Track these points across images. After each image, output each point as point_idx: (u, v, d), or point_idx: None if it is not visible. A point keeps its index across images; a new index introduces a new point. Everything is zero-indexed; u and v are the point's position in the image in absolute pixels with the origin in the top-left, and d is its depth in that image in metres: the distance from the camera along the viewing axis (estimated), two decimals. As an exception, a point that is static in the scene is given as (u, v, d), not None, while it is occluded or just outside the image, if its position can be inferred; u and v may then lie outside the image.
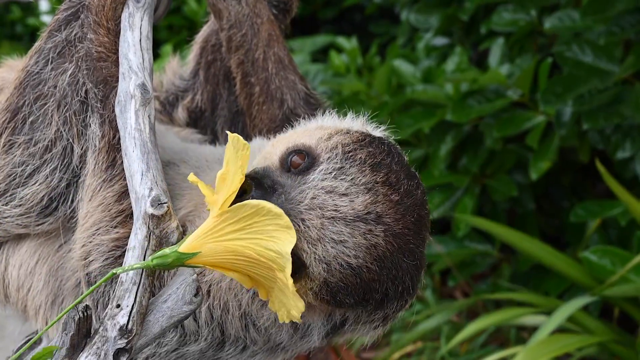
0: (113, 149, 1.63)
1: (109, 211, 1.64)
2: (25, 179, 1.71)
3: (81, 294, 1.74)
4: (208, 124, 2.05)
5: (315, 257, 1.43)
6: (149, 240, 1.41)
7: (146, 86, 1.56)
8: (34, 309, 1.79)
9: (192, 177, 1.38)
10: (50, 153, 1.69)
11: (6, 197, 1.72)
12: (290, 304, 1.36)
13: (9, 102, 1.72)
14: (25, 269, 1.77)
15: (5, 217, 1.74)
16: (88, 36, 1.68)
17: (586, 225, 3.59)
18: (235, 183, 1.36)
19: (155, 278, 1.50)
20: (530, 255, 3.49)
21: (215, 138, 2.04)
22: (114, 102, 1.59)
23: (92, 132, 1.67)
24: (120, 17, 1.68)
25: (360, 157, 1.50)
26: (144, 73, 1.59)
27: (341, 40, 4.63)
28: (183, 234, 1.65)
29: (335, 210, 1.44)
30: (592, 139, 3.50)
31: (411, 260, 1.51)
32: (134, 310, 1.35)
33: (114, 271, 1.36)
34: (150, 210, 1.41)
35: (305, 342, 1.66)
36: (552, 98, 3.21)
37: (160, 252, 1.37)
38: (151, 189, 1.45)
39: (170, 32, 5.51)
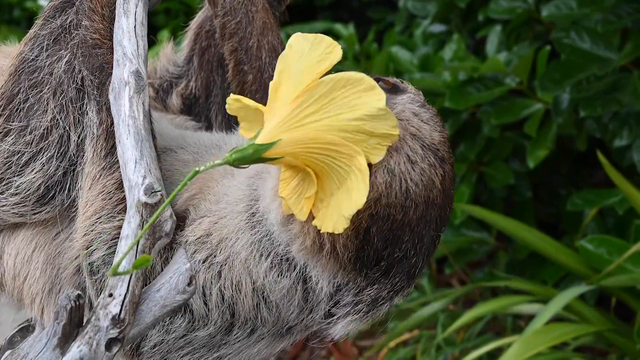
0: (111, 136, 1.62)
1: (110, 199, 1.63)
2: (21, 167, 1.70)
3: (82, 283, 1.74)
4: (202, 110, 2.05)
5: (385, 166, 1.42)
6: (142, 228, 1.40)
7: (140, 73, 1.56)
8: (30, 297, 1.78)
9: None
10: (47, 141, 1.68)
11: (2, 185, 1.71)
12: (349, 205, 1.31)
13: (3, 89, 1.71)
14: (22, 258, 1.77)
15: (1, 206, 1.73)
16: (83, 23, 1.67)
17: (583, 213, 3.59)
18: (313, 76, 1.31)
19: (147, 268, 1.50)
20: (526, 243, 3.49)
21: (209, 125, 2.04)
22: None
23: (89, 119, 1.66)
24: (114, 3, 1.67)
25: (432, 109, 1.55)
26: (138, 60, 1.58)
27: (338, 27, 4.62)
28: (184, 219, 1.66)
29: (418, 129, 1.46)
30: (589, 128, 3.50)
31: (436, 231, 1.53)
32: (127, 299, 1.35)
33: (197, 169, 1.32)
34: (144, 199, 1.41)
35: (310, 319, 1.65)
36: (550, 84, 3.22)
37: (238, 147, 1.32)
38: (144, 177, 1.44)
39: (167, 17, 5.50)
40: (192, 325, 1.65)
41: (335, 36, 4.58)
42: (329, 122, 1.29)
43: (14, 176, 1.70)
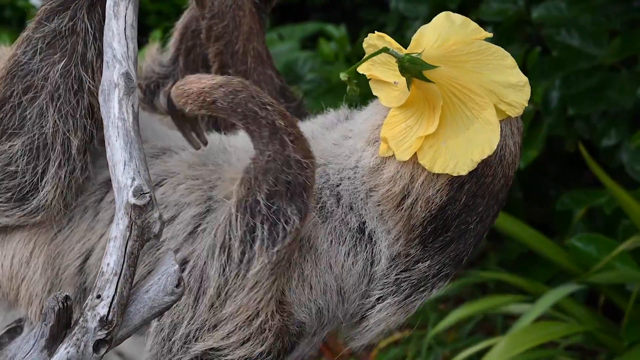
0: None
1: None
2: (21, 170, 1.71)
3: (82, 284, 1.74)
4: None
5: (499, 124, 1.49)
6: (131, 230, 1.41)
7: (130, 75, 1.56)
8: (27, 298, 1.78)
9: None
10: (46, 146, 1.68)
11: None
12: (477, 151, 1.43)
13: None
14: (19, 259, 1.77)
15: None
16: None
17: (572, 213, 3.61)
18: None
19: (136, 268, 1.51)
20: (519, 240, 3.51)
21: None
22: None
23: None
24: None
25: None
26: (128, 62, 1.58)
27: (330, 28, 4.63)
28: None
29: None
30: (578, 129, 3.52)
31: (493, 219, 1.63)
32: (115, 301, 1.35)
33: (386, 47, 1.46)
34: (132, 200, 1.41)
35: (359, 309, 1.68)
36: (540, 76, 3.26)
37: (411, 54, 1.44)
38: (133, 179, 1.44)
39: (159, 17, 5.49)
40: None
41: (327, 37, 4.59)
42: (474, 73, 1.43)
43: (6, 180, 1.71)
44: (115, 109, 1.52)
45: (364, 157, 1.59)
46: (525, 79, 1.43)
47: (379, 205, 1.58)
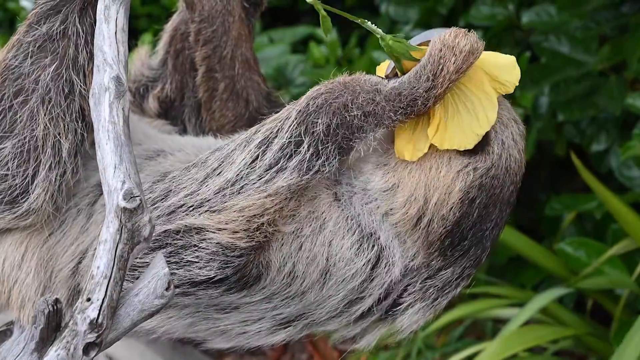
0: None
1: None
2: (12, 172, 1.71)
3: (75, 286, 1.74)
4: (178, 113, 2.05)
5: (500, 137, 1.56)
6: (121, 233, 1.41)
7: (121, 79, 1.56)
8: (20, 301, 1.78)
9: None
10: (36, 149, 1.69)
11: None
12: (479, 124, 1.50)
13: None
14: (11, 262, 1.77)
15: None
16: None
17: (562, 218, 3.61)
18: None
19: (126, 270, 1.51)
20: (508, 245, 3.51)
21: (184, 128, 2.05)
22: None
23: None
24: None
25: None
26: (118, 66, 1.58)
27: (321, 32, 4.63)
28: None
29: (516, 120, 1.63)
30: (568, 133, 3.53)
31: (505, 221, 1.64)
32: (105, 304, 1.36)
33: (363, 20, 1.66)
34: (123, 204, 1.41)
35: (347, 312, 1.70)
36: (529, 84, 3.27)
37: (393, 35, 1.56)
38: (124, 182, 1.45)
39: (149, 20, 5.48)
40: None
41: (318, 41, 4.59)
42: None
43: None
44: (105, 112, 1.52)
45: (372, 181, 1.62)
46: (512, 58, 1.53)
47: (395, 227, 1.61)
